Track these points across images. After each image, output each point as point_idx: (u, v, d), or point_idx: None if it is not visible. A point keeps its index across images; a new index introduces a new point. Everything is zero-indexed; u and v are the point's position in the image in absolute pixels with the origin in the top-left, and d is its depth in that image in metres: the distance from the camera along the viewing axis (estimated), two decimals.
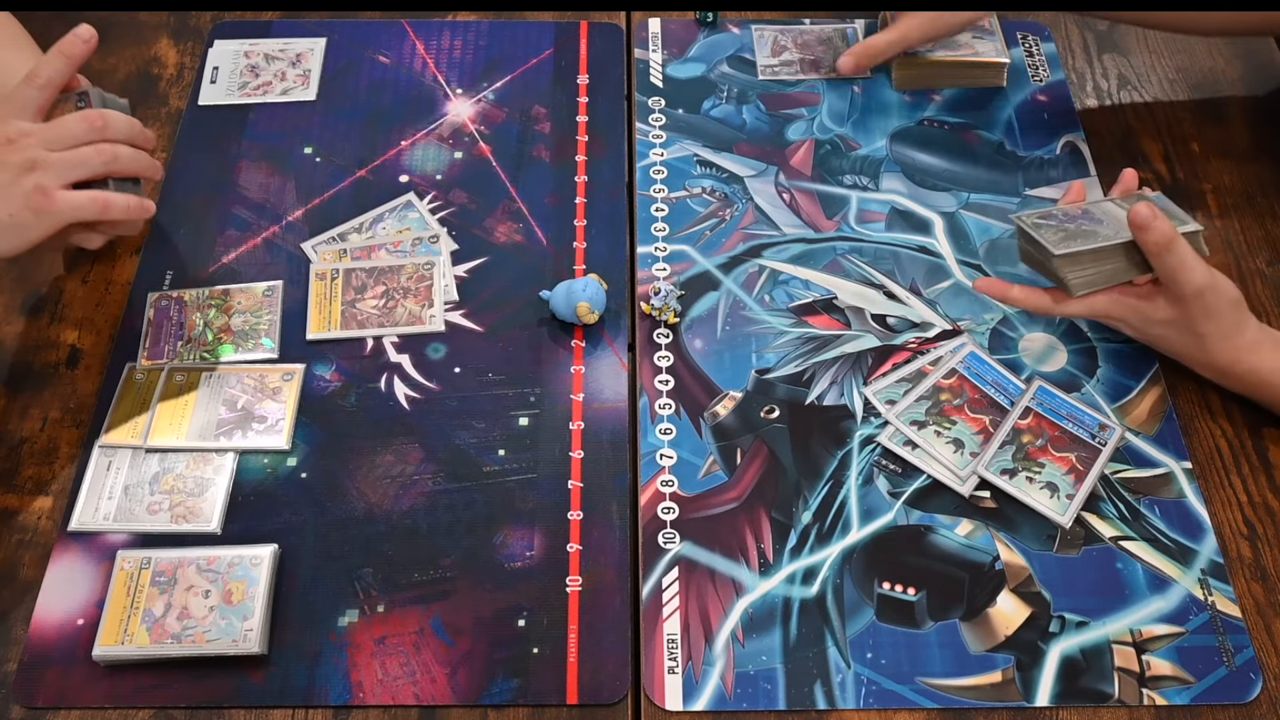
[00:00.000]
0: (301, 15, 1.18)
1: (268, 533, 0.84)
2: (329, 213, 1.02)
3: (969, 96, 1.12)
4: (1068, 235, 0.86)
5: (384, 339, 0.94)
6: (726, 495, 0.87)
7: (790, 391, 0.92)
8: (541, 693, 0.78)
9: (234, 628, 0.79)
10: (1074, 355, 0.95)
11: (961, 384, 0.92)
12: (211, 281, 0.97)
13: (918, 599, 0.82)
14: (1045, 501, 0.86)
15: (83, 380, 0.92)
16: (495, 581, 0.83)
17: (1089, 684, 0.79)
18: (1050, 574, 0.83)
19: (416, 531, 0.85)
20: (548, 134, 1.09)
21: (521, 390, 0.92)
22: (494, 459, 0.88)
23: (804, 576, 0.83)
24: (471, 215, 1.02)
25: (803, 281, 0.99)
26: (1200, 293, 0.84)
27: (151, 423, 0.89)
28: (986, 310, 0.97)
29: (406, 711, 0.78)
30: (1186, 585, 0.83)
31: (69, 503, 0.85)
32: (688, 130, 1.09)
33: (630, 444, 0.90)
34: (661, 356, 0.94)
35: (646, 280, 0.98)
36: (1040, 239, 0.86)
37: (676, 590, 0.82)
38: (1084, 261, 0.86)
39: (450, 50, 1.15)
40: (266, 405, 0.90)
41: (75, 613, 0.80)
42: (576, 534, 0.85)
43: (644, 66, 1.14)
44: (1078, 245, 0.85)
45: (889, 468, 0.88)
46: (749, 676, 0.79)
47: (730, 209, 1.03)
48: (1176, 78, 1.16)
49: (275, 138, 1.07)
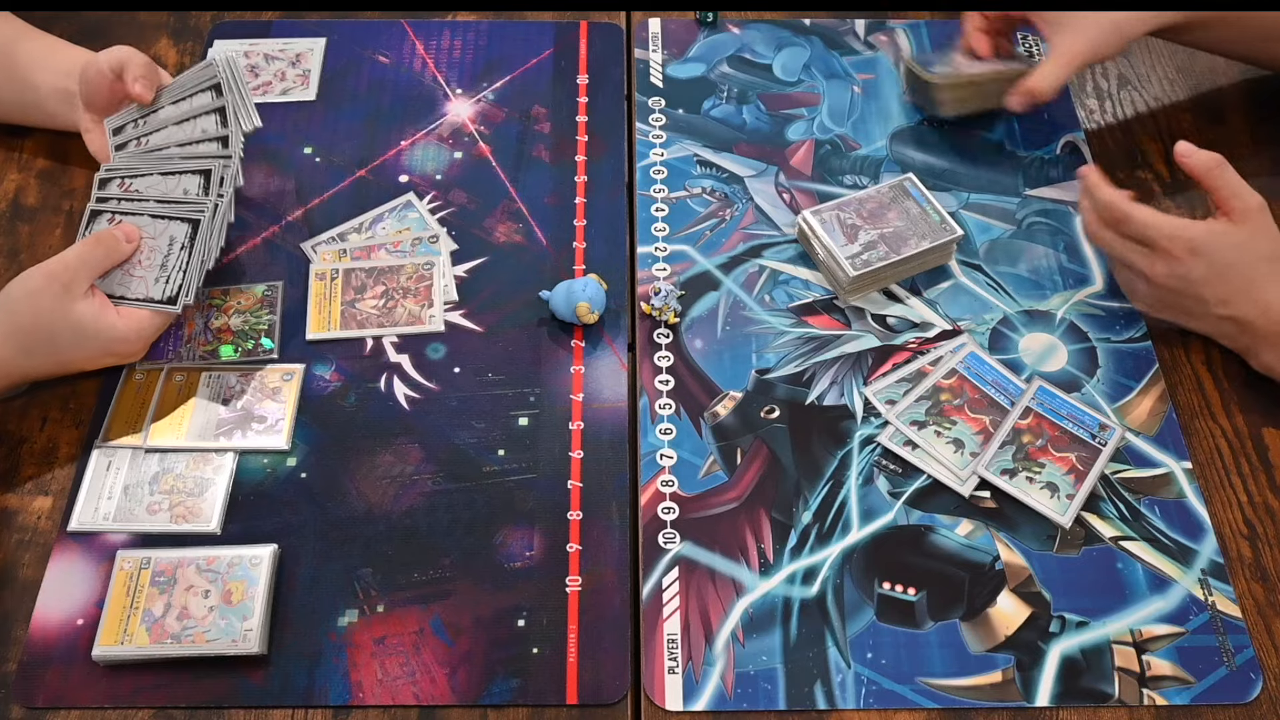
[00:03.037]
0: (301, 15, 1.18)
1: (267, 533, 0.84)
2: (329, 213, 1.02)
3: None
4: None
5: (384, 339, 0.94)
6: (726, 495, 0.87)
7: (790, 391, 0.92)
8: (541, 693, 0.78)
9: (234, 628, 0.79)
10: (1074, 355, 0.95)
11: (961, 384, 0.92)
12: (211, 281, 0.97)
13: (918, 599, 0.82)
14: (1045, 501, 0.86)
15: (83, 380, 0.92)
16: (495, 581, 0.83)
17: (1089, 684, 0.79)
18: (1050, 574, 0.83)
19: (416, 531, 0.85)
20: (548, 134, 1.09)
21: (521, 390, 0.92)
22: (494, 459, 0.88)
23: (804, 576, 0.83)
24: (471, 215, 1.02)
25: (803, 281, 0.99)
26: (1262, 207, 0.87)
27: (151, 423, 0.89)
28: (986, 310, 0.97)
29: (406, 711, 0.78)
30: (1187, 585, 0.83)
31: (69, 503, 0.85)
32: (688, 130, 1.09)
33: (630, 444, 0.90)
34: (661, 356, 0.94)
35: (646, 280, 0.98)
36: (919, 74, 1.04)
37: (676, 590, 0.82)
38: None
39: (450, 50, 1.15)
40: (266, 405, 0.90)
41: (75, 613, 0.80)
42: (576, 534, 0.85)
43: (644, 66, 1.14)
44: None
45: (889, 468, 0.88)
46: (749, 676, 0.79)
47: (730, 209, 1.03)
48: (1176, 78, 1.16)
49: (275, 138, 1.07)
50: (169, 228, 0.90)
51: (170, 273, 0.89)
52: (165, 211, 0.91)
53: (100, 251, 0.87)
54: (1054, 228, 1.02)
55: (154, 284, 0.89)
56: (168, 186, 0.92)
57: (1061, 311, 0.97)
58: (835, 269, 0.96)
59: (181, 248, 0.89)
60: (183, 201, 0.91)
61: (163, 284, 0.89)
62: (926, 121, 1.10)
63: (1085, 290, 0.99)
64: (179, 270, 0.89)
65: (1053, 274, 0.99)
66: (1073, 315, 0.97)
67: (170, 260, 0.89)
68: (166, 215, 0.91)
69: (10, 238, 1.00)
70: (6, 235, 1.01)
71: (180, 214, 0.91)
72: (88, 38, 1.08)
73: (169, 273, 0.89)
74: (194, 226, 0.90)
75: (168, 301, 0.88)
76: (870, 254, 0.96)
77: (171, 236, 0.90)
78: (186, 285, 0.89)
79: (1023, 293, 0.98)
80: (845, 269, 0.95)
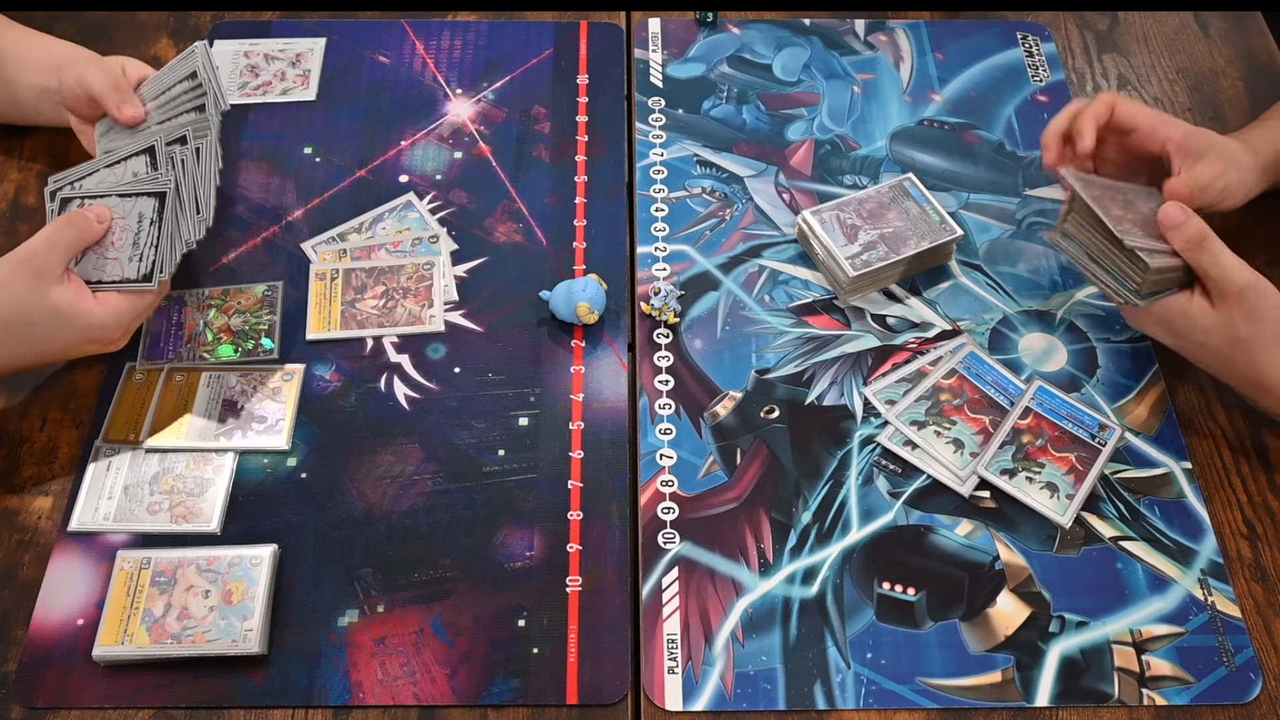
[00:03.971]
0: (301, 15, 1.18)
1: (268, 533, 0.84)
2: (329, 213, 1.02)
3: (969, 97, 1.12)
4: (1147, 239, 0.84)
5: (384, 339, 0.94)
6: (726, 495, 0.87)
7: (790, 391, 0.92)
8: (541, 693, 0.78)
9: (234, 628, 0.79)
10: (1074, 355, 0.95)
11: (961, 384, 0.92)
12: (211, 281, 0.97)
13: (918, 599, 0.82)
14: (1045, 501, 0.86)
15: (83, 380, 0.92)
16: (495, 581, 0.83)
17: (1089, 684, 0.79)
18: (1050, 574, 0.83)
19: (416, 531, 0.85)
20: (548, 134, 1.09)
21: (521, 390, 0.92)
22: (494, 459, 0.88)
23: (804, 576, 0.83)
24: (471, 215, 1.02)
25: (803, 281, 0.99)
26: (1243, 291, 0.81)
27: (151, 423, 0.89)
28: (986, 310, 0.97)
29: (406, 711, 0.78)
30: (1186, 585, 0.83)
31: (69, 503, 0.85)
32: (688, 130, 1.09)
33: (630, 444, 0.90)
34: (661, 356, 0.94)
35: (646, 280, 0.98)
36: (1130, 244, 0.83)
37: (676, 590, 0.82)
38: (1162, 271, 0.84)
39: (450, 50, 1.15)
40: (266, 405, 0.90)
41: (75, 613, 0.80)
42: (576, 534, 0.85)
43: (644, 66, 1.14)
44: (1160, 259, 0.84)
45: (889, 468, 0.88)
46: (749, 676, 0.79)
47: (730, 209, 1.03)
48: (1176, 78, 1.16)
49: (275, 138, 1.07)
50: (136, 204, 0.88)
51: (143, 250, 0.87)
52: (131, 190, 0.89)
53: (71, 234, 0.84)
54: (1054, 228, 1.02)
55: (128, 264, 0.87)
56: (117, 176, 0.91)
57: (1061, 311, 0.97)
58: (835, 269, 0.96)
59: (151, 223, 0.87)
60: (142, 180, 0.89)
61: (136, 262, 0.87)
62: (926, 121, 1.10)
63: (1085, 290, 0.99)
64: (150, 246, 0.87)
65: (1052, 274, 0.99)
66: (1072, 315, 0.97)
67: (141, 238, 0.87)
68: (133, 193, 0.89)
69: (10, 237, 1.00)
70: (6, 235, 1.01)
71: (145, 189, 0.89)
72: (88, 38, 1.08)
73: (141, 250, 0.87)
74: (161, 200, 0.88)
75: (143, 279, 0.86)
76: (870, 254, 0.96)
77: (140, 213, 0.88)
78: (160, 260, 0.86)
79: (1022, 293, 0.98)
80: (845, 269, 0.95)
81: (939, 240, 0.97)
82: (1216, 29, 1.21)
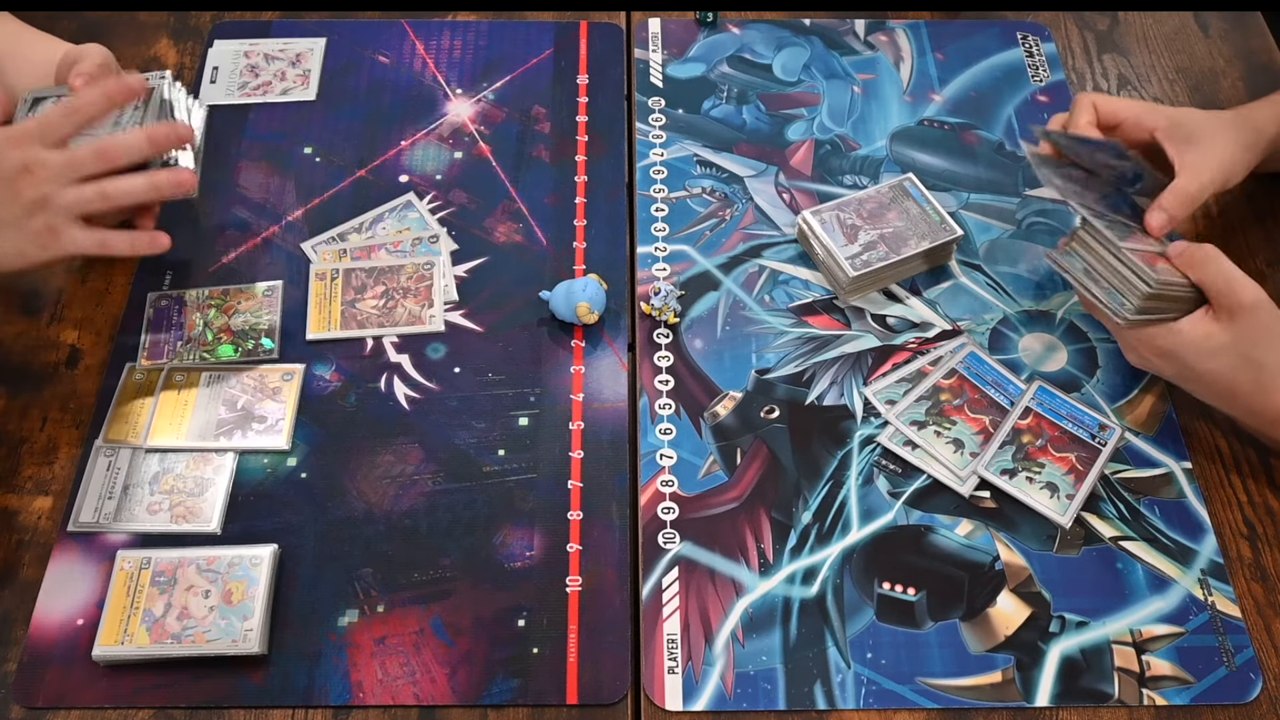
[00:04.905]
0: (301, 15, 1.18)
1: (268, 533, 0.84)
2: (329, 213, 1.02)
3: (969, 97, 1.12)
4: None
5: (384, 339, 0.94)
6: (726, 495, 0.87)
7: (790, 391, 0.92)
8: (541, 693, 0.78)
9: (234, 628, 0.79)
10: (1074, 355, 0.95)
11: (961, 384, 0.92)
12: (211, 281, 0.97)
13: (918, 599, 0.82)
14: (1045, 501, 0.86)
15: (83, 380, 0.92)
16: (495, 581, 0.83)
17: (1089, 684, 0.79)
18: (1050, 574, 0.83)
19: (416, 531, 0.85)
20: (548, 134, 1.09)
21: (521, 390, 0.92)
22: (494, 459, 0.88)
23: (804, 576, 0.83)
24: (471, 215, 1.02)
25: (803, 281, 0.99)
26: (1255, 307, 0.79)
27: (151, 423, 0.89)
28: (986, 310, 0.97)
29: (406, 711, 0.78)
30: (1186, 585, 0.83)
31: (69, 503, 0.85)
32: (688, 130, 1.09)
33: (630, 444, 0.90)
34: (661, 356, 0.94)
35: (646, 280, 0.98)
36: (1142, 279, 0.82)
37: (676, 590, 0.82)
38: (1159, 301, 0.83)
39: (450, 50, 1.15)
40: (266, 405, 0.90)
41: (75, 613, 0.80)
42: (576, 534, 0.85)
43: (644, 66, 1.14)
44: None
45: (889, 468, 0.88)
46: (749, 676, 0.79)
47: (730, 209, 1.03)
48: (1176, 78, 1.16)
49: (275, 138, 1.07)
50: (115, 115, 0.90)
51: (124, 127, 0.88)
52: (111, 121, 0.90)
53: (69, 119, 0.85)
54: (1054, 228, 1.02)
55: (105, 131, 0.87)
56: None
57: (1061, 311, 0.97)
58: (835, 269, 0.96)
59: (135, 109, 0.88)
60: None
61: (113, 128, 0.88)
62: (926, 121, 1.10)
63: None
64: (134, 124, 0.88)
65: (1052, 274, 0.99)
66: (1072, 315, 0.97)
67: (124, 117, 0.88)
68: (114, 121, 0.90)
69: None
70: None
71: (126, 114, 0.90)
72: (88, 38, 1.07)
73: (123, 127, 0.88)
74: (145, 100, 0.90)
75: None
76: (870, 254, 0.96)
77: (118, 113, 0.89)
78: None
79: (1022, 293, 0.98)
80: (845, 269, 0.95)
81: (939, 240, 0.97)
82: (1216, 29, 1.21)
